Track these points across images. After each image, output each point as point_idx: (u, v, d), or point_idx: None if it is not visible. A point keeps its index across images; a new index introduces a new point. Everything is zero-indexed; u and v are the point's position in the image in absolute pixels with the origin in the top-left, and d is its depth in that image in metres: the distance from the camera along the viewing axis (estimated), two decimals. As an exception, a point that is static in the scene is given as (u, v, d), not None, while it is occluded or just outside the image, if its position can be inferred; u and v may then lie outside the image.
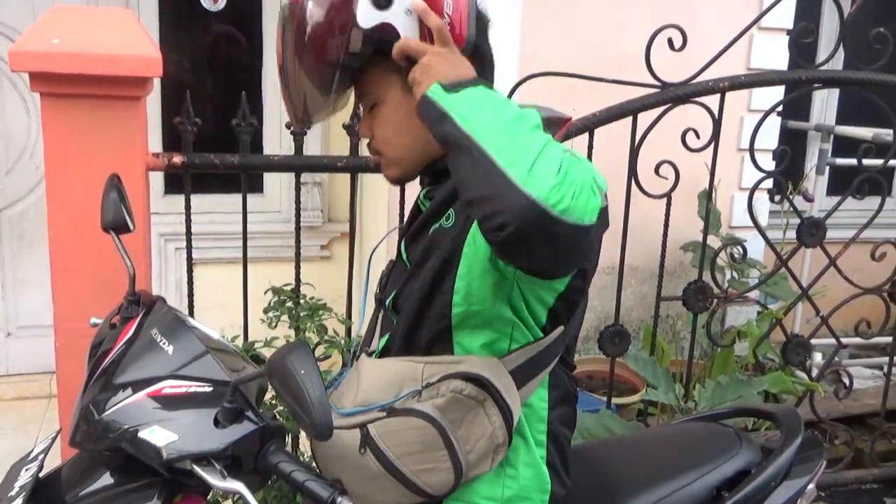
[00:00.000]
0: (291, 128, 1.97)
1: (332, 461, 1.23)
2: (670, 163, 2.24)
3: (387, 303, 1.28)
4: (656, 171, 2.25)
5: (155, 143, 3.34)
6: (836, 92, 4.20)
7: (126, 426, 1.13)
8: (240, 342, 2.02)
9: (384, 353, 1.25)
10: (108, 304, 1.81)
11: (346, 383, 1.29)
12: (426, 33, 1.13)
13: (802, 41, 2.26)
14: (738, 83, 2.26)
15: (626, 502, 1.39)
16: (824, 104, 4.26)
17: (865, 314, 2.63)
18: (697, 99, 2.24)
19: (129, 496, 1.15)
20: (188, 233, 1.99)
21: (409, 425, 1.16)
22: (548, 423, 1.26)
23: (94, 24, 1.78)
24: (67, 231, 1.78)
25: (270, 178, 3.58)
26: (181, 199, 2.02)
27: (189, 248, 2.01)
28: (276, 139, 3.50)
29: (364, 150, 2.03)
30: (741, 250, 2.45)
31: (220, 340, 1.34)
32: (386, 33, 1.13)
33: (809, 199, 3.47)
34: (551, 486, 1.25)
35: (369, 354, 1.28)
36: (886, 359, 3.59)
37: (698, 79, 2.21)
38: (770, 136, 3.53)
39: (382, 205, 3.06)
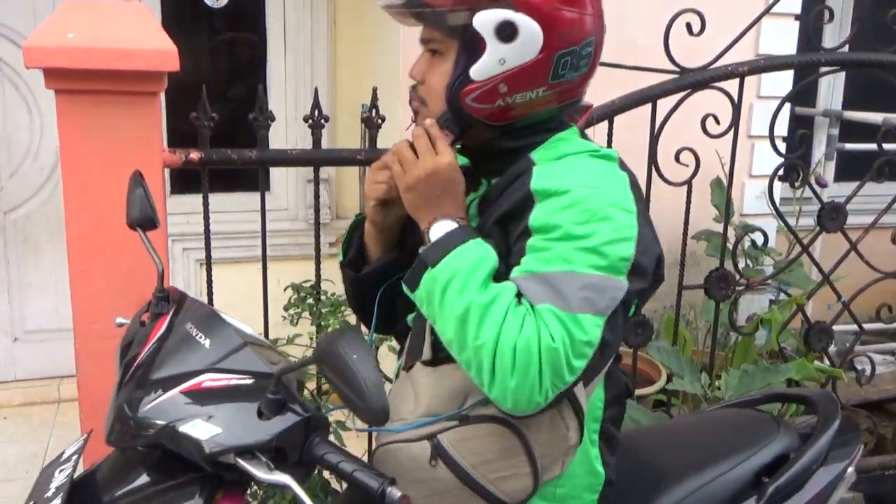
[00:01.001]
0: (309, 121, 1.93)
1: (398, 476, 1.20)
2: (691, 150, 2.22)
3: None
4: (676, 158, 2.22)
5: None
6: (841, 77, 4.19)
7: (166, 422, 1.10)
8: (261, 341, 1.99)
9: (437, 360, 1.22)
10: (128, 304, 1.77)
11: (400, 395, 1.27)
12: (501, 78, 1.16)
13: (818, 24, 2.24)
14: (757, 67, 2.24)
15: (669, 489, 1.39)
16: (831, 89, 4.24)
17: (878, 299, 2.61)
18: (716, 84, 2.21)
19: (169, 494, 1.13)
20: (206, 232, 1.95)
21: (485, 432, 1.16)
22: (601, 423, 1.26)
23: (109, 18, 1.74)
24: (86, 231, 1.74)
25: (277, 175, 3.55)
26: (188, 198, 1.99)
27: (208, 247, 1.97)
28: (283, 137, 3.47)
29: (382, 143, 2.02)
30: (763, 237, 2.43)
31: (254, 335, 1.31)
32: (476, 42, 1.15)
33: (823, 185, 3.45)
34: (602, 486, 1.24)
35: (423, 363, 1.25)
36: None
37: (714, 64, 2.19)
38: (780, 122, 3.50)
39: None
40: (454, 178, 1.18)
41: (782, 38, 3.42)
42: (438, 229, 1.15)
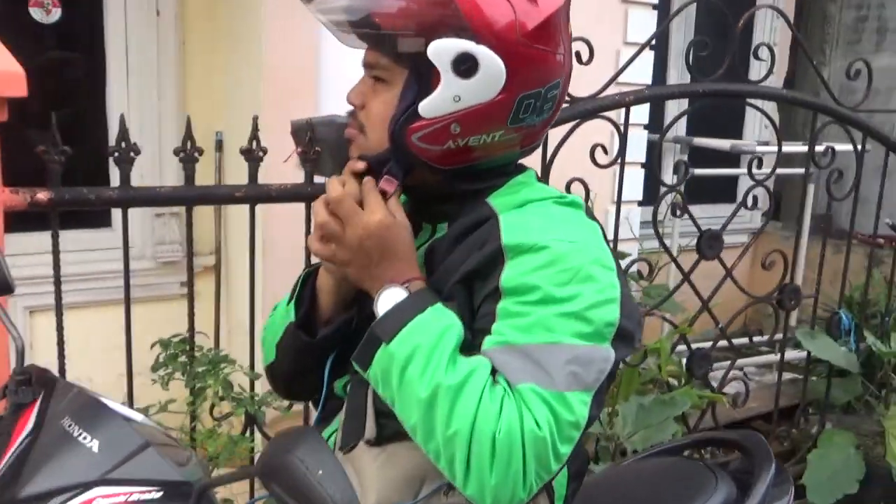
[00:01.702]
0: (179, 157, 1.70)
1: None
2: (580, 180, 2.18)
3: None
4: (567, 189, 2.17)
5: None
6: (684, 104, 4.37)
7: None
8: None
9: (383, 439, 1.05)
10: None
11: None
12: (453, 117, 1.02)
13: (699, 54, 2.28)
14: (642, 97, 2.24)
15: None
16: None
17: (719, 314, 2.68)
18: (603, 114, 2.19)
19: None
20: (57, 280, 1.67)
21: None
22: (564, 500, 1.13)
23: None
24: None
25: (118, 211, 3.20)
26: (12, 238, 1.68)
27: (58, 296, 1.69)
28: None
29: (265, 178, 1.82)
30: (647, 266, 2.43)
31: (150, 424, 1.07)
32: (428, 73, 1.01)
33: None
34: None
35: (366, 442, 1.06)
36: (746, 360, 3.76)
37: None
38: (639, 148, 3.59)
39: (256, 234, 2.80)
40: (391, 237, 1.03)
41: (638, 67, 3.49)
42: (386, 300, 0.99)
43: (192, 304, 1.83)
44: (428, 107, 1.01)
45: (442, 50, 0.99)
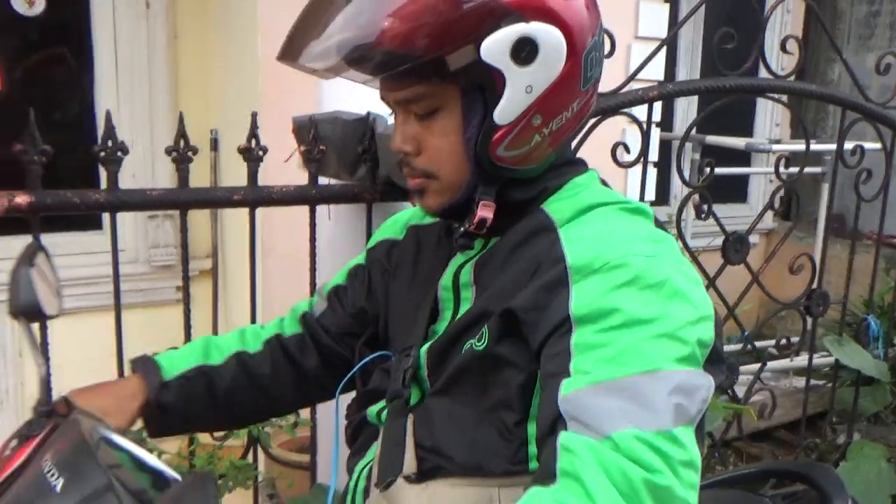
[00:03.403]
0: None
1: None
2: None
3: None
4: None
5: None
6: (695, 102, 4.25)
7: None
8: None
9: (424, 475, 0.91)
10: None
11: None
12: (533, 108, 0.91)
13: (724, 47, 2.14)
14: (666, 92, 2.11)
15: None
16: (685, 115, 4.29)
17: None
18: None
19: None
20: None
21: None
22: None
23: None
24: None
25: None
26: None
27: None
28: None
29: (263, 178, 1.67)
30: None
31: (151, 463, 0.94)
32: (488, 78, 0.88)
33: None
34: None
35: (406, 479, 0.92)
36: (755, 365, 3.65)
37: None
38: (652, 147, 3.46)
39: (246, 238, 2.67)
40: None
41: (651, 62, 3.37)
42: None
43: (188, 313, 1.68)
44: (503, 112, 0.90)
45: (496, 46, 0.87)
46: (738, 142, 3.59)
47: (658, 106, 3.34)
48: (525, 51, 0.87)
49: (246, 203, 1.64)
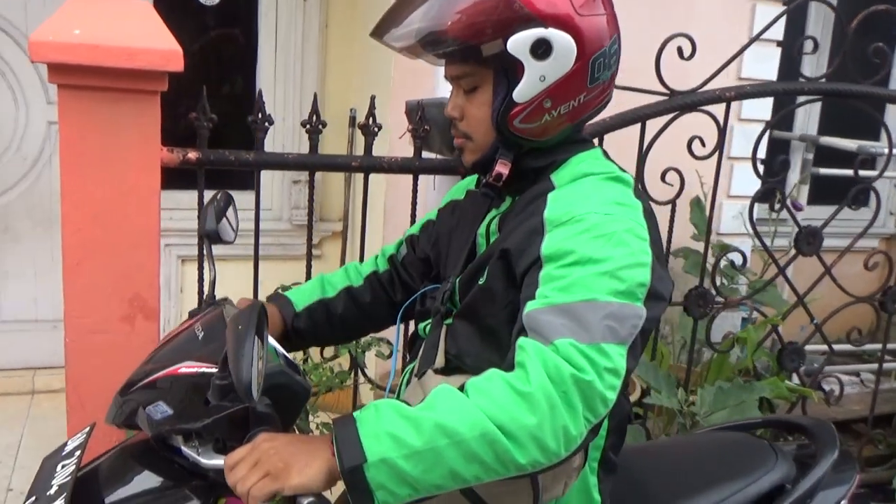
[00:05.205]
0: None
1: None
2: (676, 170, 2.27)
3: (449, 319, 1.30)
4: (662, 177, 2.28)
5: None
6: (818, 104, 4.28)
7: (138, 403, 1.16)
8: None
9: (449, 369, 1.25)
10: (119, 300, 1.79)
11: (412, 401, 1.27)
12: (544, 94, 1.18)
13: (801, 54, 2.31)
14: (743, 93, 2.30)
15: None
16: (807, 115, 4.33)
17: (847, 321, 2.68)
18: (703, 108, 2.27)
19: (169, 498, 1.14)
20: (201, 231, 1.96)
21: None
22: (602, 451, 1.27)
23: (115, 16, 1.75)
24: (82, 224, 1.74)
25: (262, 176, 3.54)
26: (171, 194, 1.99)
27: (200, 248, 1.98)
28: (269, 138, 3.46)
29: (378, 150, 2.05)
30: (741, 257, 2.49)
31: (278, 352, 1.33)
32: (512, 66, 1.17)
33: (799, 208, 3.53)
34: None
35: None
36: (862, 366, 3.71)
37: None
38: (751, 143, 3.59)
39: (379, 203, 3.06)
40: (283, 438, 1.05)
41: (763, 63, 3.50)
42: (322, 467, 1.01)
43: (310, 257, 2.08)
44: (521, 93, 1.18)
45: (520, 43, 1.15)
46: (849, 144, 3.65)
47: (766, 104, 3.49)
48: (541, 49, 1.15)
49: (361, 169, 2.02)
